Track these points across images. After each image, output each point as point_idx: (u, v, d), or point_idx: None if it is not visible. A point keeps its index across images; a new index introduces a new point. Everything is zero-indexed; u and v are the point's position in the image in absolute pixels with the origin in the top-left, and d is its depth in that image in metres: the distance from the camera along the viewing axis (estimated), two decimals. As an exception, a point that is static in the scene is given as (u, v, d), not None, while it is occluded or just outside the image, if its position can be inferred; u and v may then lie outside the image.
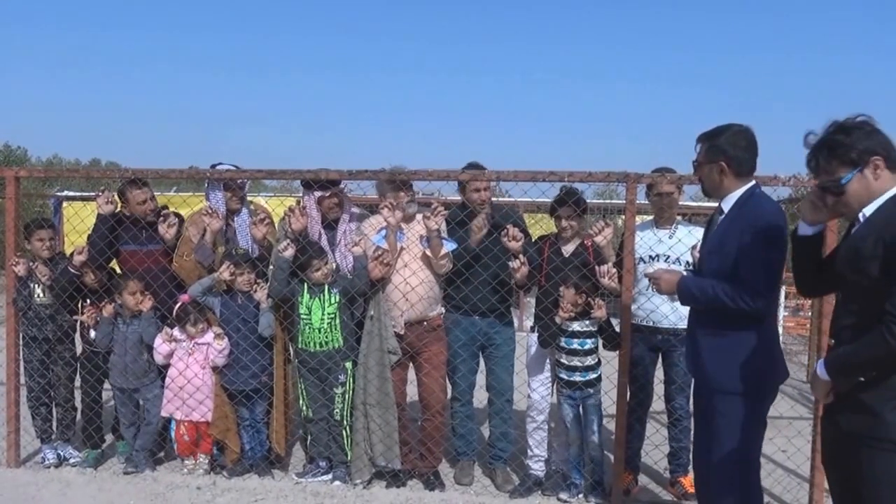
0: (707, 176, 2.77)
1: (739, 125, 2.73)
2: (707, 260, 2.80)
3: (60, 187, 10.90)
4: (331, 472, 4.12)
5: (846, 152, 2.18)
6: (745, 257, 2.60)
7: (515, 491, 4.04)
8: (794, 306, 10.58)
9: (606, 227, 3.79)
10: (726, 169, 2.70)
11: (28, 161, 22.37)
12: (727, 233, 2.70)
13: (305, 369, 4.02)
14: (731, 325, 2.68)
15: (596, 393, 3.85)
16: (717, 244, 2.74)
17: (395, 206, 3.90)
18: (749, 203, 2.69)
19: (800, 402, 6.23)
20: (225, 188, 4.22)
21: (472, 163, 4.11)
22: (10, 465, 4.31)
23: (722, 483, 2.74)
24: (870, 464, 2.17)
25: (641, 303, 3.88)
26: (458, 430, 4.25)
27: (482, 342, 4.15)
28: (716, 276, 2.71)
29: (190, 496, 3.93)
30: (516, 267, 3.83)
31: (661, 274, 2.93)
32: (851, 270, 2.20)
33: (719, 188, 2.75)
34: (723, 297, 2.62)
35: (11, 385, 4.29)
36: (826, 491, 3.71)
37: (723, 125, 2.75)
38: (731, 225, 2.69)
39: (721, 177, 2.72)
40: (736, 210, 2.71)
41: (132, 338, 4.17)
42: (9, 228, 4.27)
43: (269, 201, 8.02)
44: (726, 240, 2.69)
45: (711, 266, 2.75)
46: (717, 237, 2.75)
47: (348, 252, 4.00)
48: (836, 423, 2.29)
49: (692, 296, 2.79)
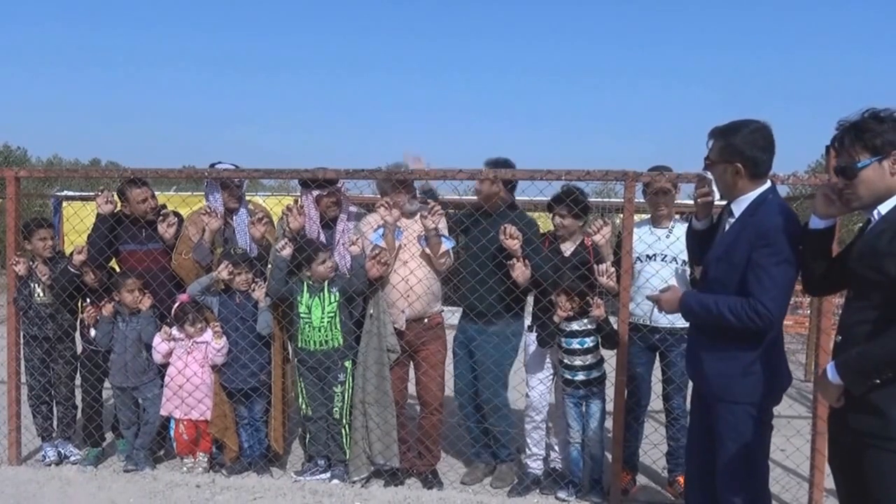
0: (720, 176, 2.62)
1: (757, 122, 2.56)
2: (713, 266, 2.66)
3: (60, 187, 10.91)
4: (329, 470, 4.13)
5: (872, 138, 2.15)
6: (755, 272, 2.46)
7: (514, 490, 4.04)
8: (793, 304, 10.60)
9: (604, 226, 3.79)
10: (742, 171, 2.54)
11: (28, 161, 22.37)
12: (737, 241, 2.54)
13: (305, 368, 4.03)
14: (735, 332, 2.56)
15: (599, 392, 3.86)
16: (725, 252, 2.59)
17: (393, 204, 3.90)
18: (761, 210, 2.52)
19: (798, 401, 6.24)
20: (222, 187, 4.23)
21: (499, 159, 4.05)
22: (12, 462, 4.33)
23: (731, 490, 2.67)
24: (878, 465, 2.13)
25: (639, 301, 3.89)
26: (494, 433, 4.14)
27: (473, 346, 4.10)
28: (720, 285, 2.60)
29: (189, 494, 3.94)
30: (514, 266, 3.82)
31: (659, 296, 2.80)
32: (867, 268, 2.16)
33: (733, 190, 2.60)
34: (728, 317, 2.49)
35: (12, 383, 4.31)
36: (826, 490, 3.73)
37: (739, 121, 2.57)
38: (742, 233, 2.54)
39: (735, 178, 2.56)
40: (748, 217, 2.55)
41: (131, 336, 4.19)
42: (9, 228, 4.28)
43: (266, 200, 8.02)
44: (735, 248, 2.54)
45: (717, 274, 2.63)
46: (725, 244, 2.60)
47: (346, 251, 4.02)
48: (845, 423, 2.23)
49: (695, 314, 2.66)
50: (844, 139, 2.22)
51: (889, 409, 2.09)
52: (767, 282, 2.44)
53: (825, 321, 3.76)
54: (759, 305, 2.45)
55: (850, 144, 2.20)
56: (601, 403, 3.87)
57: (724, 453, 2.66)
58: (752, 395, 2.59)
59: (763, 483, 2.71)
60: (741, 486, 2.65)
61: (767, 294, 2.44)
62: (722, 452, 2.67)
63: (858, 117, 2.21)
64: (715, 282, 2.64)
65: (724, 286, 2.59)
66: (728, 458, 2.65)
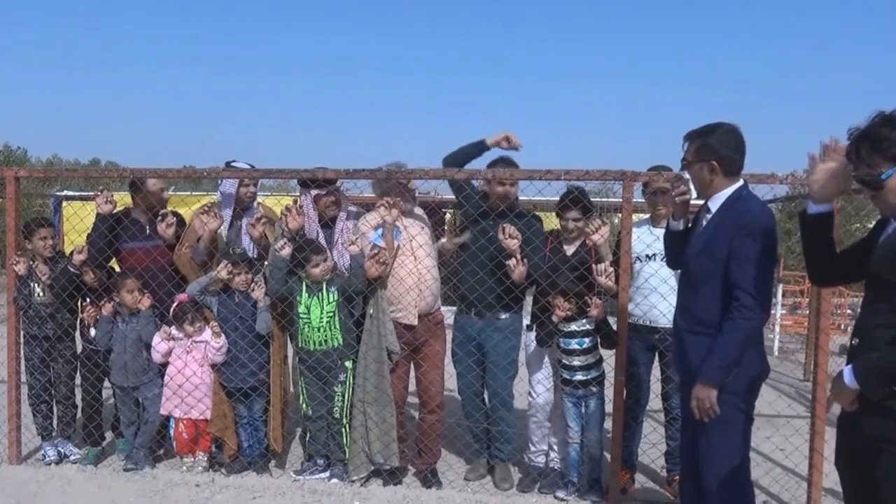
0: (697, 175, 2.77)
1: (728, 124, 2.73)
2: (693, 261, 2.76)
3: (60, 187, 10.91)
4: (328, 469, 4.13)
5: (890, 147, 2.09)
6: (737, 262, 2.57)
7: (521, 483, 4.09)
8: (792, 304, 10.60)
9: (603, 226, 3.79)
10: (717, 168, 2.70)
11: (28, 161, 22.37)
12: (715, 235, 2.67)
13: (304, 368, 4.03)
14: (717, 324, 2.64)
15: (597, 392, 3.86)
16: (705, 245, 2.70)
17: (392, 203, 3.91)
18: (737, 205, 2.67)
19: (797, 401, 6.25)
20: (240, 184, 4.30)
21: (503, 157, 4.06)
22: (12, 462, 4.33)
23: (717, 482, 2.72)
24: (892, 470, 2.11)
25: (638, 301, 3.89)
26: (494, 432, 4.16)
27: (477, 343, 4.10)
28: (701, 278, 2.69)
29: (189, 493, 3.95)
30: (513, 266, 3.83)
31: (697, 403, 2.67)
32: (889, 271, 2.13)
33: (709, 187, 2.75)
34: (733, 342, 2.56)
35: (12, 383, 4.32)
36: (824, 490, 3.74)
37: (712, 124, 2.75)
38: (720, 227, 2.67)
39: (712, 176, 2.71)
40: (724, 211, 2.70)
41: (131, 336, 4.19)
42: (9, 228, 4.29)
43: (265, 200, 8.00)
44: (715, 242, 2.66)
45: (698, 268, 2.73)
46: (705, 239, 2.72)
47: (346, 251, 4.02)
48: (859, 426, 2.19)
49: (723, 373, 2.61)
50: (860, 149, 2.15)
51: None
52: (750, 269, 2.54)
53: (824, 321, 3.76)
54: (745, 296, 2.53)
55: (867, 155, 2.13)
56: (600, 403, 3.88)
57: (710, 450, 2.72)
58: (737, 385, 2.66)
59: (746, 475, 2.79)
60: (725, 477, 2.70)
61: (752, 281, 2.53)
62: (707, 449, 2.72)
63: (869, 125, 2.14)
64: (696, 276, 2.74)
65: (706, 280, 2.68)
66: (713, 450, 2.71)
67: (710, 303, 2.68)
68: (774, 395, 6.35)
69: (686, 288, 2.83)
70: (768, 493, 4.10)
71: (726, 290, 2.61)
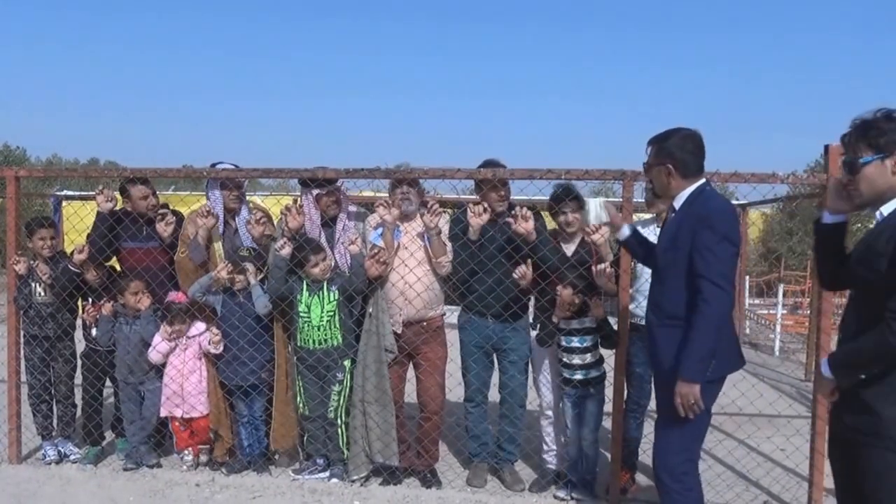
0: (656, 177, 2.89)
1: (687, 129, 2.84)
2: (661, 257, 2.87)
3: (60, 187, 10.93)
4: (328, 469, 4.13)
5: (877, 136, 2.22)
6: (698, 252, 2.65)
7: (535, 484, 4.08)
8: (792, 304, 10.59)
9: (602, 226, 3.79)
10: (673, 171, 2.80)
11: (28, 161, 22.36)
12: (679, 229, 2.77)
13: (304, 367, 4.03)
14: (685, 315, 2.70)
15: (597, 392, 3.86)
16: (670, 241, 2.80)
17: (392, 203, 3.90)
18: (698, 200, 2.78)
19: (798, 401, 6.24)
20: (222, 187, 4.23)
21: (490, 160, 4.02)
22: (12, 461, 4.33)
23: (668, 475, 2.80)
24: (868, 461, 2.22)
25: (639, 301, 3.89)
26: (471, 430, 4.18)
27: (495, 344, 4.07)
28: (669, 272, 2.78)
29: (189, 493, 3.95)
30: (521, 274, 3.80)
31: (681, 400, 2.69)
32: (862, 267, 2.24)
33: (667, 189, 2.86)
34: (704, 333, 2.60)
35: (12, 382, 4.32)
36: (825, 490, 3.73)
37: (672, 129, 2.86)
38: (683, 222, 2.77)
39: (668, 178, 2.82)
40: (686, 207, 2.80)
41: (134, 338, 4.20)
42: (9, 228, 4.29)
43: (265, 200, 8.01)
44: (679, 236, 2.76)
45: (665, 262, 2.83)
46: (670, 235, 2.83)
47: (346, 250, 4.01)
48: (841, 419, 2.35)
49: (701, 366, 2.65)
50: (852, 135, 2.29)
51: (881, 408, 2.19)
52: (711, 258, 2.62)
53: (825, 321, 3.76)
54: (706, 284, 2.60)
55: (855, 141, 2.27)
56: (599, 403, 3.87)
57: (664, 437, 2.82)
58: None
59: (695, 469, 2.84)
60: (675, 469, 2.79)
61: (713, 269, 2.61)
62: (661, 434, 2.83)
63: (871, 116, 2.27)
64: (665, 270, 2.82)
65: (673, 273, 2.76)
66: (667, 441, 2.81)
67: (676, 295, 2.75)
68: (775, 395, 6.35)
69: (655, 283, 2.94)
70: (769, 492, 4.10)
71: (691, 281, 2.69)
